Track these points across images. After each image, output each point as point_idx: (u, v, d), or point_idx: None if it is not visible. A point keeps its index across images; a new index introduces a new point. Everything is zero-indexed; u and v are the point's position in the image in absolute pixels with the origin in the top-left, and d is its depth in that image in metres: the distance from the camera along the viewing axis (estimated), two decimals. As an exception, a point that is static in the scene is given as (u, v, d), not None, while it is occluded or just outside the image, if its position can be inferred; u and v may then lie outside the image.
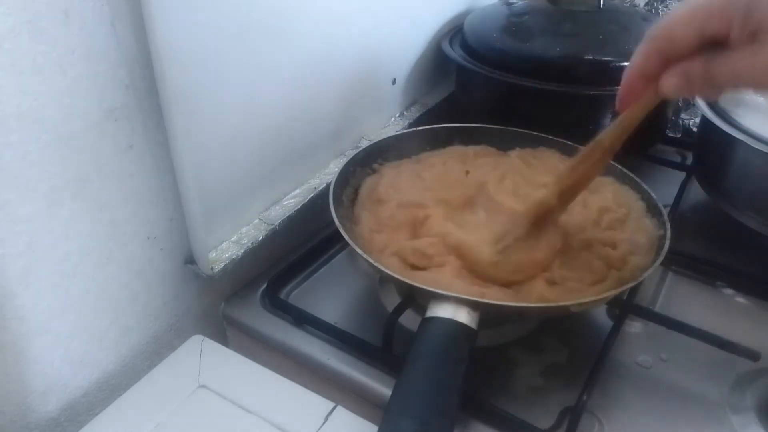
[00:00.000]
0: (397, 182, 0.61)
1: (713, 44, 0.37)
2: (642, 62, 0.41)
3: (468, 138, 0.67)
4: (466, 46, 0.77)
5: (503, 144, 0.66)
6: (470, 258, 0.52)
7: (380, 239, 0.55)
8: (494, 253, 0.51)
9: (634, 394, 0.51)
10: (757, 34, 0.35)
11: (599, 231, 0.56)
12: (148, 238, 0.52)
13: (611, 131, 0.47)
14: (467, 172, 0.62)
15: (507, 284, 0.51)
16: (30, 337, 0.46)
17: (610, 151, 0.48)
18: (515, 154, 0.65)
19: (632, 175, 0.60)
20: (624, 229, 0.56)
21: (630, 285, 0.50)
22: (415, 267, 0.52)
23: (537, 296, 0.49)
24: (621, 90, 0.43)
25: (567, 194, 0.51)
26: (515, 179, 0.59)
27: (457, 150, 0.66)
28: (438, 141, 0.67)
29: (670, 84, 0.40)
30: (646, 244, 0.55)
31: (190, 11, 0.46)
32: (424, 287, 0.47)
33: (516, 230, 0.52)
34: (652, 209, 0.57)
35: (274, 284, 0.60)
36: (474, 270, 0.51)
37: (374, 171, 0.63)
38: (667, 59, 0.39)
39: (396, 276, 0.48)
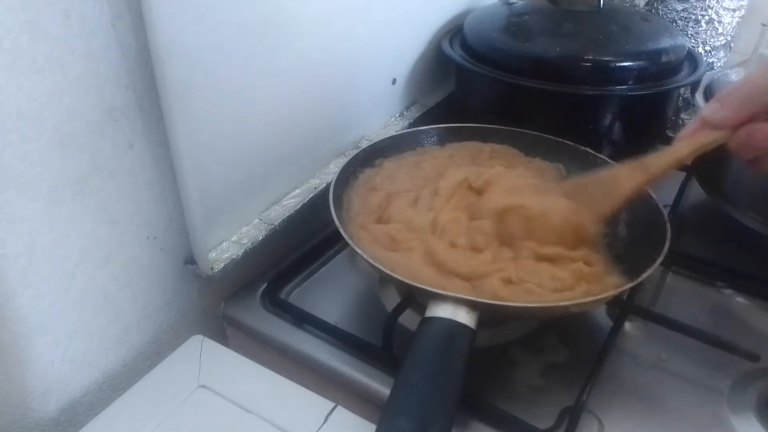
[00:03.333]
0: (394, 174, 0.61)
1: None
2: (736, 112, 0.45)
3: (468, 138, 0.67)
4: (466, 46, 0.77)
5: (510, 144, 0.66)
6: (427, 248, 0.52)
7: (359, 220, 0.56)
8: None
9: (634, 394, 0.51)
10: None
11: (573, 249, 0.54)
12: (148, 238, 0.52)
13: (659, 158, 0.51)
14: None
15: (465, 277, 0.51)
16: (30, 337, 0.46)
17: (653, 178, 0.51)
18: (535, 165, 0.65)
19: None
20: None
21: (630, 285, 0.50)
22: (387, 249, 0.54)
23: (489, 293, 0.48)
24: (685, 130, 0.49)
25: (592, 196, 0.53)
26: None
27: (472, 145, 0.66)
28: (438, 141, 0.67)
29: (737, 142, 0.45)
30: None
31: (190, 11, 0.46)
32: (424, 287, 0.47)
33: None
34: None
35: (274, 284, 0.60)
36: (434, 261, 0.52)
37: (375, 166, 0.63)
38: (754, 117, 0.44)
39: (396, 276, 0.48)
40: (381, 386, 0.51)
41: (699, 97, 0.67)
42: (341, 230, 0.52)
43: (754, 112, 0.44)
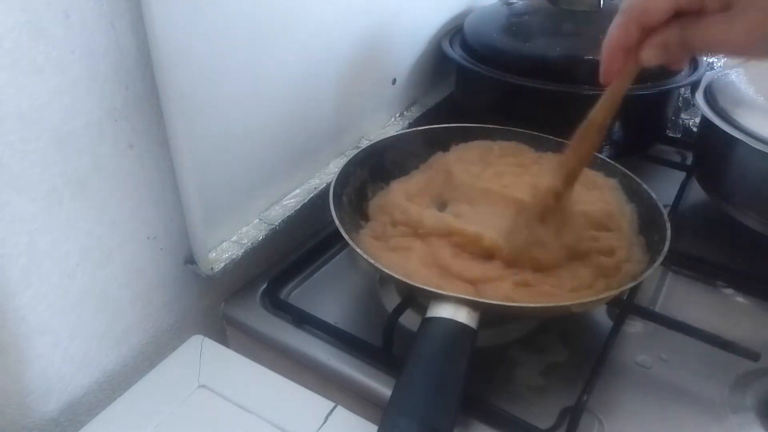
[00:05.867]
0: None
1: (687, 13, 0.39)
2: (621, 35, 0.42)
3: (469, 139, 0.67)
4: (466, 46, 0.77)
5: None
6: (485, 246, 0.52)
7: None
8: (508, 246, 0.52)
9: (634, 394, 0.51)
10: (730, 2, 0.37)
11: (597, 240, 0.55)
12: (148, 238, 0.52)
13: (601, 106, 0.48)
14: None
15: (471, 281, 0.51)
16: (30, 337, 0.46)
17: (604, 126, 0.49)
18: (547, 159, 0.64)
19: (632, 175, 0.61)
20: (621, 236, 0.56)
21: (630, 285, 0.50)
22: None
23: (502, 296, 0.49)
24: (604, 64, 0.45)
25: (570, 177, 0.51)
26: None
27: (480, 144, 0.66)
28: (438, 141, 0.67)
29: (649, 55, 0.41)
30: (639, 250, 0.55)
31: (189, 11, 0.46)
32: (425, 287, 0.47)
33: (525, 222, 0.52)
34: (651, 211, 0.57)
35: (274, 284, 0.60)
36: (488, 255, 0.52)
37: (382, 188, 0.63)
38: (644, 29, 0.41)
39: (396, 276, 0.48)
40: (381, 386, 0.51)
41: (699, 97, 0.67)
42: (341, 230, 0.52)
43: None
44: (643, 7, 0.40)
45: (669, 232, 0.53)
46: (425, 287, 0.47)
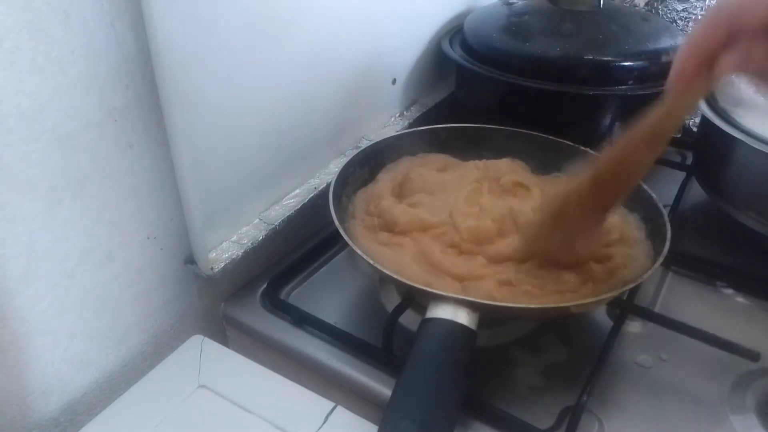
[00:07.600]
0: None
1: None
2: (705, 35, 0.37)
3: (468, 139, 0.67)
4: (466, 46, 0.77)
5: (503, 144, 0.66)
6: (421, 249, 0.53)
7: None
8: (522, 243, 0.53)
9: (634, 394, 0.51)
10: None
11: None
12: (148, 238, 0.52)
13: (659, 115, 0.43)
14: None
15: (459, 278, 0.51)
16: (30, 337, 0.46)
17: (659, 137, 0.44)
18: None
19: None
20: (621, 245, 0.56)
21: (630, 285, 0.50)
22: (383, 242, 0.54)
23: (484, 294, 0.48)
24: (677, 63, 0.39)
25: (605, 185, 0.47)
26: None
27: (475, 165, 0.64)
28: (438, 142, 0.67)
29: (729, 61, 0.37)
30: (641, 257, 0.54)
31: (190, 11, 0.46)
32: (424, 288, 0.47)
33: (539, 217, 0.52)
34: (651, 219, 0.57)
35: (274, 284, 0.60)
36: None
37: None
38: (732, 34, 0.36)
39: (395, 276, 0.48)
40: (381, 386, 0.51)
41: (699, 97, 0.67)
42: (341, 230, 0.52)
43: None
44: (738, 8, 0.36)
45: (669, 233, 0.53)
46: (425, 288, 0.47)
